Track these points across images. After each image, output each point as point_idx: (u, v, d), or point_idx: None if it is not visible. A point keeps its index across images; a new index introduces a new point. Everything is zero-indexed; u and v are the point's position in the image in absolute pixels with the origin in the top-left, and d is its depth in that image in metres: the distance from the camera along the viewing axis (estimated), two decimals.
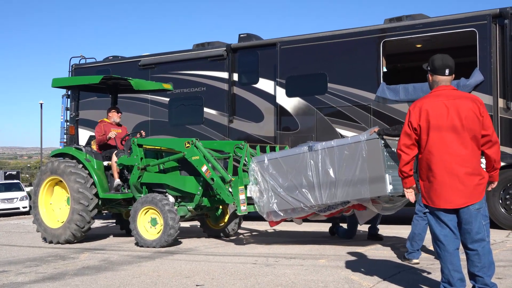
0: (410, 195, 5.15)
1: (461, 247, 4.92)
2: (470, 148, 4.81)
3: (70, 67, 17.10)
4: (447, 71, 4.99)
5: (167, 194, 10.17)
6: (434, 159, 4.85)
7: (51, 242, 10.58)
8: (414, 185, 5.12)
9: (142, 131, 11.29)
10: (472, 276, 4.87)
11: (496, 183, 5.05)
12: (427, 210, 5.00)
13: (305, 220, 9.60)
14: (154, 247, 9.48)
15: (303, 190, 8.58)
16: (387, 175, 7.74)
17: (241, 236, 11.20)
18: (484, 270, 4.81)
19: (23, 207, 25.87)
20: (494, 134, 4.91)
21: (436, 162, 4.83)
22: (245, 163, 9.61)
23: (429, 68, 5.09)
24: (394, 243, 9.32)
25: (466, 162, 4.78)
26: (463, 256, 4.92)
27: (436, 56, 5.08)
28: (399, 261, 7.65)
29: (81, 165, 10.55)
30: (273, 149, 10.55)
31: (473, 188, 4.77)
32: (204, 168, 9.55)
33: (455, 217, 4.85)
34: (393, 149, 7.90)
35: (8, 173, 40.67)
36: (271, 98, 13.97)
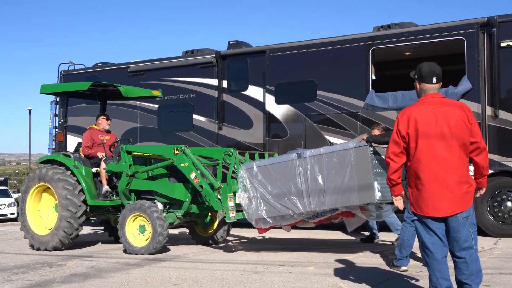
0: (399, 202, 5.16)
1: (448, 254, 4.94)
2: (458, 156, 4.81)
3: (59, 73, 17.04)
4: (434, 79, 4.98)
5: (155, 201, 10.14)
6: (422, 167, 4.85)
7: (38, 249, 10.51)
8: (403, 193, 5.12)
9: (130, 139, 11.29)
10: (460, 284, 4.88)
11: (484, 190, 5.07)
12: (415, 217, 5.01)
13: (294, 227, 9.60)
14: (142, 254, 9.44)
15: (292, 197, 8.58)
16: (375, 183, 7.75)
17: (230, 243, 11.18)
18: (472, 278, 4.82)
19: (11, 214, 25.69)
20: (482, 141, 4.92)
21: (425, 170, 4.84)
22: (234, 170, 9.60)
23: (416, 76, 5.08)
24: (383, 250, 9.34)
25: (455, 170, 4.79)
26: (451, 264, 4.93)
27: (423, 64, 5.07)
28: (387, 268, 7.67)
29: (69, 172, 10.50)
30: (262, 156, 10.55)
31: (461, 196, 4.78)
32: (193, 175, 9.53)
33: (443, 225, 4.86)
34: (382, 156, 7.91)
35: None
36: (260, 105, 13.98)
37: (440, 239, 4.86)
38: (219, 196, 9.32)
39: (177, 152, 9.71)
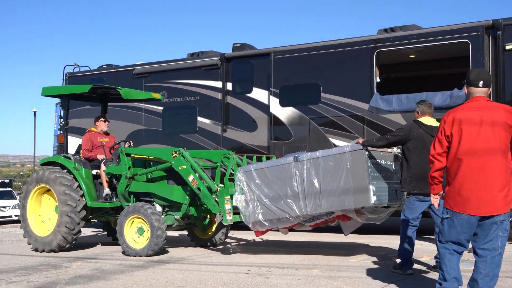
0: (436, 201, 5.29)
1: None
2: (501, 158, 4.90)
3: (64, 75, 17.08)
4: (481, 83, 5.13)
5: (154, 203, 10.17)
6: (463, 166, 4.92)
7: (43, 251, 10.50)
8: (441, 192, 5.20)
9: (130, 142, 11.34)
10: (473, 281, 4.94)
11: None
12: (447, 215, 5.03)
13: (293, 229, 9.59)
14: (146, 255, 9.41)
15: (288, 200, 8.59)
16: (371, 186, 7.78)
17: (234, 245, 11.17)
18: (486, 280, 4.89)
19: (15, 215, 25.70)
20: None
21: (465, 170, 4.91)
22: (232, 172, 9.60)
23: (465, 81, 5.26)
24: (387, 253, 9.32)
25: (496, 172, 4.87)
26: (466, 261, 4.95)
27: (472, 70, 5.35)
28: (392, 270, 7.64)
29: (65, 170, 10.57)
30: (260, 159, 10.56)
31: (502, 199, 4.86)
32: (190, 178, 9.53)
33: (476, 224, 4.92)
34: (377, 160, 7.98)
35: (0, 181, 40.41)
36: (264, 108, 13.98)
37: (467, 239, 4.96)
38: (216, 199, 9.32)
39: (175, 154, 9.73)
